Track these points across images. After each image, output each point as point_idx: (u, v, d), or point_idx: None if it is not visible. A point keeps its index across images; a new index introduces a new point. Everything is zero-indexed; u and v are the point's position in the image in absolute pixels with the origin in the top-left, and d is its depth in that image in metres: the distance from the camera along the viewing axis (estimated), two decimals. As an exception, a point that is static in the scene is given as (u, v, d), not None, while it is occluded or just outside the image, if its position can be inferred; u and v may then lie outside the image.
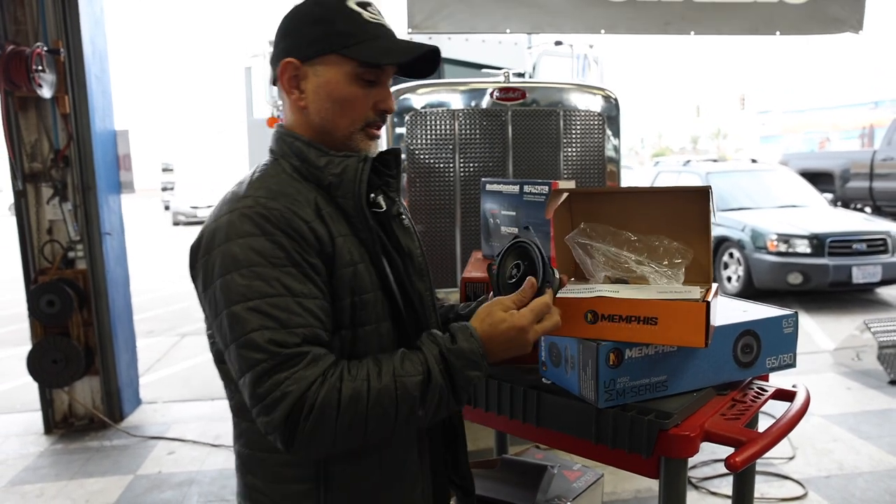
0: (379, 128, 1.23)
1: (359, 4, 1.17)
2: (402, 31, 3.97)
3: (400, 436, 1.20)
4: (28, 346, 4.07)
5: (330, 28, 1.16)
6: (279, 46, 1.21)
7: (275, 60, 1.21)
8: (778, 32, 4.21)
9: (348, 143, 1.21)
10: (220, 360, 1.19)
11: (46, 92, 3.76)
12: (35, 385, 4.13)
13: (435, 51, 1.21)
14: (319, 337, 1.07)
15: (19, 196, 3.96)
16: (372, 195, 1.22)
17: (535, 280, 1.17)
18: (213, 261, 1.08)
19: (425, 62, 1.24)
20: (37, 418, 4.18)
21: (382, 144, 3.39)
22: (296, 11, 1.20)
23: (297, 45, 1.18)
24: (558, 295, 1.32)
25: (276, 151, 1.24)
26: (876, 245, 7.21)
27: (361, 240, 1.17)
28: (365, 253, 1.17)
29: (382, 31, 1.18)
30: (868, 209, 12.30)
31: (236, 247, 1.06)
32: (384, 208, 1.25)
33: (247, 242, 1.06)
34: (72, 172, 4.00)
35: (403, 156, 3.36)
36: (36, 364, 3.98)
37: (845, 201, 12.62)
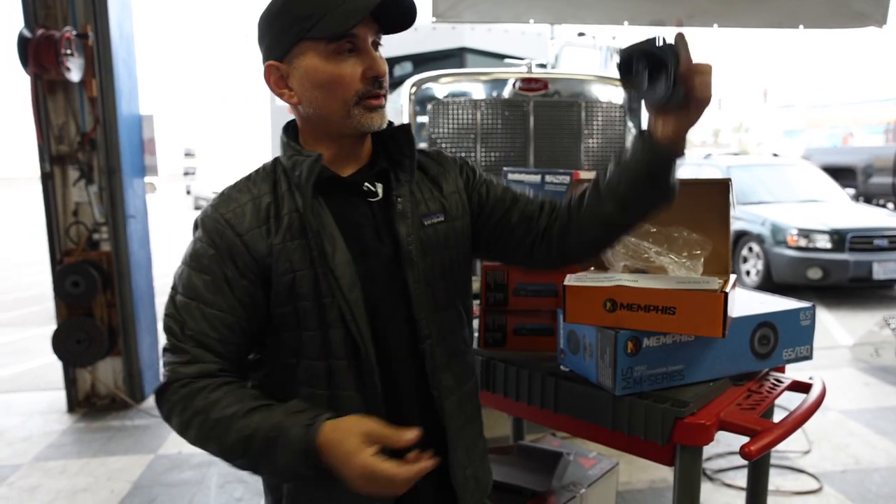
0: (378, 97, 1.17)
1: None
2: (426, 20, 3.98)
3: None
4: (52, 326, 4.15)
5: (290, 17, 1.13)
6: (261, 52, 1.20)
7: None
8: (801, 26, 4.17)
9: (348, 123, 1.16)
10: None
11: (75, 75, 3.81)
12: (59, 364, 4.21)
13: None
14: (208, 344, 1.13)
15: (46, 178, 4.02)
16: (366, 185, 1.22)
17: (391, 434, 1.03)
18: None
19: (400, 11, 1.14)
20: (60, 397, 4.27)
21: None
22: (262, 12, 1.19)
23: (271, 46, 1.17)
24: (578, 283, 1.34)
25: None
26: (898, 242, 7.12)
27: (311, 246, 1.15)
28: (307, 260, 1.15)
29: None
30: (891, 205, 12.15)
31: (190, 243, 1.19)
32: (379, 196, 1.23)
33: (193, 243, 1.18)
34: (98, 155, 4.06)
35: (424, 140, 3.40)
36: (60, 344, 4.06)
37: (868, 197, 12.47)
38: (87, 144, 4.03)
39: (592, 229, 1.22)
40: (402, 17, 1.15)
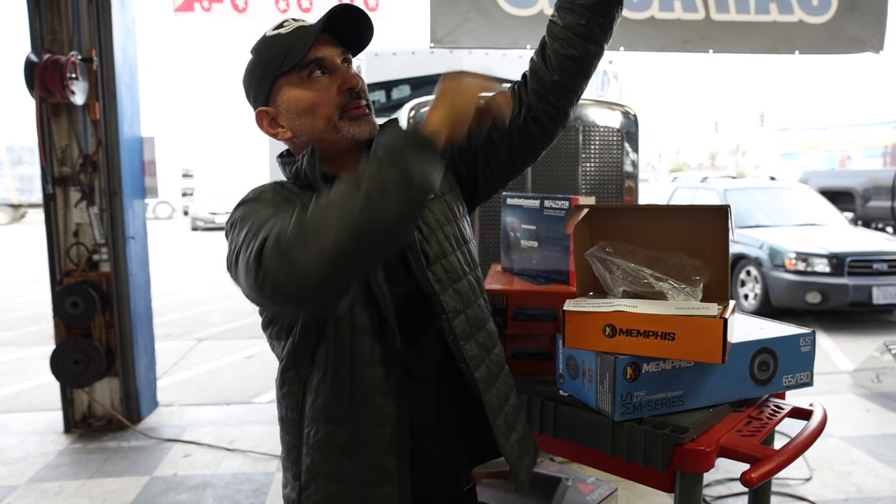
0: (358, 107, 1.25)
1: (275, 28, 1.26)
2: (425, 44, 4.03)
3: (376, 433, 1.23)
4: (49, 346, 4.14)
5: (263, 64, 1.25)
6: (251, 105, 1.32)
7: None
8: (797, 52, 4.21)
9: (339, 137, 1.24)
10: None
11: (79, 99, 3.85)
12: (55, 384, 4.19)
13: (349, 11, 1.22)
14: None
15: (48, 199, 4.04)
16: None
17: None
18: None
19: (356, 29, 1.26)
20: (57, 417, 4.25)
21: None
22: (243, 72, 1.32)
23: (256, 95, 1.29)
24: (578, 308, 1.34)
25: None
26: (897, 266, 7.11)
27: None
28: None
29: (302, 31, 1.23)
30: (890, 229, 12.19)
31: (234, 220, 1.19)
32: None
33: (241, 209, 1.20)
34: (99, 177, 4.08)
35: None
36: (59, 364, 4.05)
37: (866, 221, 12.51)
38: (88, 166, 4.06)
39: (566, 48, 1.33)
40: (361, 34, 1.27)
